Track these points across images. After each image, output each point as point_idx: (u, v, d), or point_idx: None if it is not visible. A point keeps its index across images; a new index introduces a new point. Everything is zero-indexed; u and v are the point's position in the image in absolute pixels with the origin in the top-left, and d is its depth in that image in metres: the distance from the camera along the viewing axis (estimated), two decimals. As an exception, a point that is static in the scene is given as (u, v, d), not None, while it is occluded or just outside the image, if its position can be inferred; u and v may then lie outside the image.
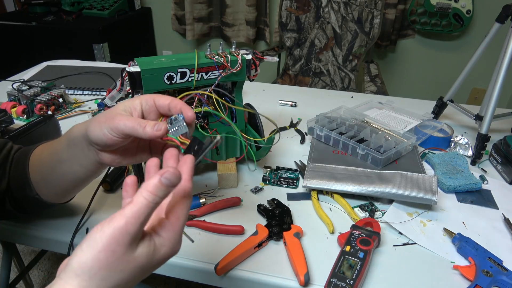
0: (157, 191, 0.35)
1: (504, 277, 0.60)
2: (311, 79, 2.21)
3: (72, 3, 2.62)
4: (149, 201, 0.35)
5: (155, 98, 0.49)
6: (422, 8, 2.34)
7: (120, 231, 0.34)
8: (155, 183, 0.35)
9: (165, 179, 0.35)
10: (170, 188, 0.36)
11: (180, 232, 0.40)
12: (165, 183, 0.35)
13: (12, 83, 1.17)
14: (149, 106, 0.49)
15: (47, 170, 0.58)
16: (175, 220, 0.39)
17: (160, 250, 0.38)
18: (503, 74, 0.91)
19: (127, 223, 0.34)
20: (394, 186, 0.76)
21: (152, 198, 0.35)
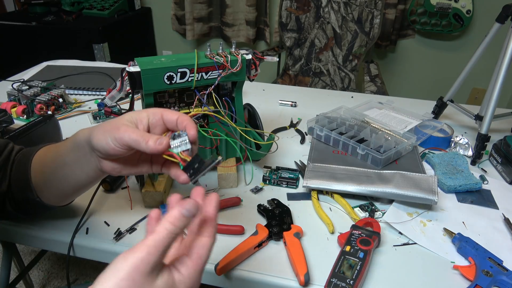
0: (177, 221, 0.37)
1: (504, 277, 0.60)
2: (311, 79, 2.21)
3: (72, 3, 2.62)
4: (169, 231, 0.36)
5: (163, 112, 0.50)
6: (422, 8, 2.34)
7: (141, 260, 0.35)
8: (176, 214, 0.37)
9: (186, 211, 0.37)
10: (189, 219, 0.38)
11: (200, 271, 0.40)
12: (185, 214, 0.37)
13: (12, 83, 1.17)
14: (156, 120, 0.50)
15: (50, 172, 0.58)
16: (197, 258, 0.40)
17: (178, 286, 0.38)
18: (503, 74, 0.91)
19: (149, 252, 0.35)
20: (394, 186, 0.76)
21: (172, 228, 0.36)
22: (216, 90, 0.79)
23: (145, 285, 0.35)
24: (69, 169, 0.56)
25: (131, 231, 0.70)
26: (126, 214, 0.74)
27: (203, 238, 0.41)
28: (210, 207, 0.42)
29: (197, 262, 0.40)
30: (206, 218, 0.42)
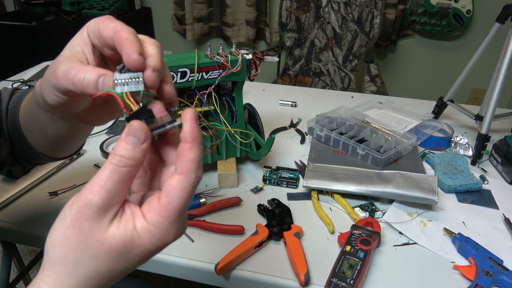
0: (122, 152, 0.29)
1: (504, 277, 0.60)
2: (311, 79, 2.21)
3: (72, 3, 2.62)
4: (115, 164, 0.29)
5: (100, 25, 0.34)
6: (422, 8, 2.34)
7: (84, 203, 0.29)
8: (120, 143, 0.30)
9: (130, 137, 0.30)
10: (138, 148, 0.30)
11: (174, 218, 0.31)
12: (130, 141, 0.30)
13: (12, 83, 1.17)
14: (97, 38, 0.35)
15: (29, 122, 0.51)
16: (166, 203, 0.30)
17: (141, 236, 0.30)
18: (503, 74, 0.91)
19: (91, 193, 0.29)
20: (394, 186, 0.76)
21: (117, 160, 0.29)
22: (216, 90, 0.79)
23: (95, 232, 0.29)
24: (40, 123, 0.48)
25: (131, 231, 0.70)
26: (126, 214, 0.74)
27: (176, 176, 0.31)
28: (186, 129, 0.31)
29: (166, 207, 0.30)
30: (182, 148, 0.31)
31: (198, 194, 0.78)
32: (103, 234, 0.30)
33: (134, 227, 0.31)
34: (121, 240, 0.30)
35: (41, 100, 0.42)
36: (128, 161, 0.30)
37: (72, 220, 0.29)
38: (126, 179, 0.30)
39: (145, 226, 0.31)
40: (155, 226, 0.31)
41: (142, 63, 0.32)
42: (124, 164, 0.29)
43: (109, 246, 0.30)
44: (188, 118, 0.31)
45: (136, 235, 0.30)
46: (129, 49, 0.31)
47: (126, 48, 0.31)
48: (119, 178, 0.29)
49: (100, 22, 0.35)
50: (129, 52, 0.31)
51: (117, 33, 0.33)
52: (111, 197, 0.30)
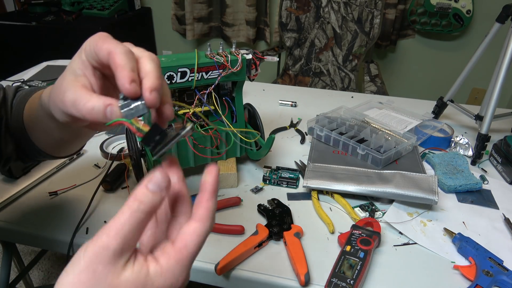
0: (142, 197, 0.30)
1: (504, 277, 0.60)
2: (311, 79, 2.21)
3: (72, 3, 2.62)
4: (133, 210, 0.30)
5: (95, 48, 0.36)
6: (422, 8, 2.34)
7: (101, 247, 0.29)
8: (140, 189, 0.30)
9: (152, 184, 0.30)
10: (158, 195, 0.31)
11: (186, 264, 0.32)
12: (151, 188, 0.30)
13: (12, 83, 1.17)
14: (95, 61, 0.37)
15: (34, 121, 0.53)
16: (181, 247, 0.32)
17: (154, 280, 0.31)
18: (503, 74, 0.91)
19: (108, 238, 0.29)
20: (394, 186, 0.76)
21: (136, 205, 0.30)
22: (216, 90, 0.79)
23: (109, 277, 0.29)
24: (44, 125, 0.50)
25: (131, 231, 0.70)
26: (126, 214, 0.74)
27: (193, 223, 0.32)
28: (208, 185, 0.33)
29: (181, 252, 0.32)
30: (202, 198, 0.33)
31: (198, 194, 0.78)
32: (117, 278, 0.30)
33: (148, 272, 0.31)
34: (134, 284, 0.30)
35: (48, 111, 0.43)
36: (147, 209, 0.30)
37: (87, 263, 0.29)
38: (142, 225, 0.31)
39: (159, 270, 0.31)
40: (168, 270, 0.31)
41: (136, 91, 0.33)
42: (142, 210, 0.30)
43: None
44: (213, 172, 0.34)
45: (149, 280, 0.31)
46: (122, 78, 0.33)
47: (119, 77, 0.33)
48: (136, 223, 0.30)
49: (94, 44, 0.36)
50: (122, 83, 0.33)
51: (111, 58, 0.34)
52: (127, 242, 0.30)
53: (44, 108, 0.46)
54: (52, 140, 0.54)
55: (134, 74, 0.33)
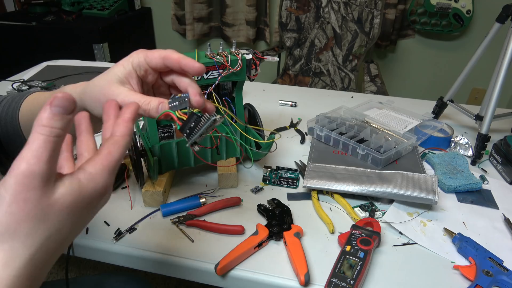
0: (51, 123, 0.30)
1: (504, 277, 0.60)
2: (311, 79, 2.21)
3: (72, 3, 2.62)
4: (46, 135, 0.30)
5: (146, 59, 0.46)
6: (422, 8, 2.34)
7: (24, 175, 0.29)
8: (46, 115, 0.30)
9: (56, 108, 0.30)
10: (65, 116, 0.31)
11: (111, 168, 0.35)
12: (57, 111, 0.30)
13: (12, 83, 1.17)
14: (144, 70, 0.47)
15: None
16: (106, 154, 0.35)
17: (87, 186, 0.33)
18: (503, 74, 0.91)
19: (29, 165, 0.29)
20: (394, 186, 0.76)
21: (48, 131, 0.30)
22: (217, 90, 0.79)
23: (43, 199, 0.30)
24: None
25: (131, 231, 0.70)
26: (126, 214, 0.74)
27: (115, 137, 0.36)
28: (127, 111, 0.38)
29: (106, 158, 0.35)
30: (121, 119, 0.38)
31: (198, 194, 0.78)
32: (52, 197, 0.31)
33: (79, 180, 0.33)
34: (70, 195, 0.32)
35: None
36: (58, 131, 0.30)
37: (13, 194, 0.29)
38: (58, 147, 0.31)
39: (88, 176, 0.34)
40: (97, 174, 0.34)
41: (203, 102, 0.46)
42: (55, 133, 0.30)
43: (61, 205, 0.31)
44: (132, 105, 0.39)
45: (83, 187, 0.33)
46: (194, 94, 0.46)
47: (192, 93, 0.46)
48: (53, 146, 0.30)
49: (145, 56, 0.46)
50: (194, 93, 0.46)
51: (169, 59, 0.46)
52: (50, 164, 0.30)
53: None
54: None
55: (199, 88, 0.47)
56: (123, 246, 0.67)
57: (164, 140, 0.77)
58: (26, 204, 0.29)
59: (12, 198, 0.29)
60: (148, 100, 0.44)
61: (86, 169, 0.34)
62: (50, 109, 0.30)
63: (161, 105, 0.44)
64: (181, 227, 0.71)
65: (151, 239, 0.68)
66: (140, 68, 0.46)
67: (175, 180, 0.84)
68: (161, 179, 0.77)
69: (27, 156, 0.29)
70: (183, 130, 0.45)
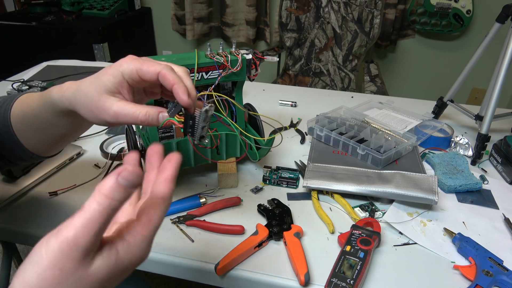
0: (113, 194, 0.29)
1: (504, 277, 0.60)
2: (311, 79, 2.21)
3: (72, 3, 2.62)
4: (104, 207, 0.29)
5: (139, 72, 0.45)
6: (422, 8, 2.34)
7: (68, 245, 0.28)
8: (111, 185, 0.29)
9: (123, 180, 0.29)
10: (129, 190, 0.30)
11: (151, 237, 0.34)
12: (123, 184, 0.29)
13: (12, 83, 1.17)
14: (136, 82, 0.46)
15: (29, 122, 0.55)
16: (146, 222, 0.33)
17: (124, 259, 0.32)
18: (503, 74, 0.91)
19: (77, 235, 0.28)
20: (394, 186, 0.76)
21: (107, 203, 0.29)
22: (217, 90, 0.79)
23: (78, 272, 0.29)
24: (47, 123, 0.53)
25: (131, 231, 0.70)
26: (126, 214, 0.74)
27: (155, 200, 0.34)
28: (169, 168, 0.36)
29: (147, 226, 0.33)
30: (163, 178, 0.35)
31: (198, 194, 0.78)
32: (88, 270, 0.30)
33: (117, 252, 0.32)
34: (107, 268, 0.31)
35: (62, 109, 0.49)
36: (116, 204, 0.29)
37: (52, 261, 0.28)
38: (110, 219, 0.30)
39: (127, 248, 0.32)
40: (135, 246, 0.32)
41: (191, 103, 0.45)
42: (112, 207, 0.29)
43: (94, 279, 0.30)
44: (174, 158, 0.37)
45: (119, 260, 0.32)
46: (181, 93, 0.45)
47: (179, 92, 0.45)
48: (106, 219, 0.29)
49: (138, 68, 0.45)
50: (180, 96, 0.45)
51: (166, 80, 0.45)
52: (97, 237, 0.29)
53: (53, 107, 0.50)
54: (49, 137, 0.56)
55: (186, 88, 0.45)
56: (123, 246, 0.67)
57: (164, 140, 0.77)
58: (61, 273, 0.28)
59: (50, 264, 0.28)
60: (145, 110, 0.44)
61: (126, 238, 0.32)
62: (117, 180, 0.29)
63: (161, 114, 0.45)
64: (181, 227, 0.71)
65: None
66: (132, 79, 0.46)
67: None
68: (161, 179, 0.77)
69: (77, 225, 0.28)
70: (186, 131, 0.46)
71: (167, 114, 0.46)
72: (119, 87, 0.46)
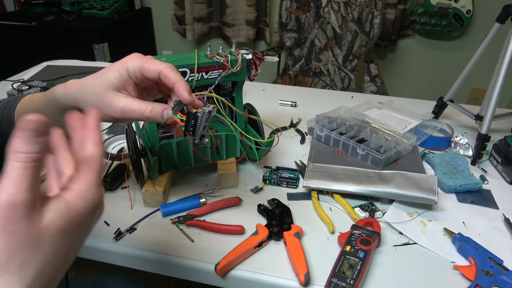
0: (26, 148, 0.29)
1: (504, 277, 0.60)
2: (311, 79, 2.21)
3: (72, 3, 2.62)
4: (23, 162, 0.28)
5: (142, 69, 0.47)
6: (422, 8, 2.34)
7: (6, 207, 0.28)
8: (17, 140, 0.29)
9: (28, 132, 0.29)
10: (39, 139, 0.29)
11: (96, 181, 0.34)
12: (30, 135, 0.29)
13: (12, 83, 1.17)
14: (139, 79, 0.48)
15: None
16: (87, 168, 0.34)
17: (76, 204, 0.32)
18: (503, 74, 0.91)
19: (10, 195, 0.28)
20: (394, 186, 0.76)
21: (24, 157, 0.29)
22: (216, 90, 0.79)
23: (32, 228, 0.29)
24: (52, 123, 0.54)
25: (131, 231, 0.70)
26: (126, 214, 0.74)
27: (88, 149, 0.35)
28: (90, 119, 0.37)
29: (88, 172, 0.34)
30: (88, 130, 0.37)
31: (198, 194, 0.78)
32: (41, 224, 0.30)
33: (66, 200, 0.32)
34: (60, 218, 0.31)
35: (68, 106, 0.49)
36: (34, 155, 0.29)
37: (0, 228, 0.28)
38: (37, 171, 0.30)
39: (75, 194, 0.32)
40: (83, 191, 0.33)
41: (193, 100, 0.47)
42: (33, 158, 0.29)
43: (52, 230, 0.30)
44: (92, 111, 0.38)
45: (72, 207, 0.32)
46: (183, 91, 0.46)
47: (180, 90, 0.46)
48: (33, 171, 0.29)
49: (140, 67, 0.47)
50: (182, 94, 0.46)
51: (167, 79, 0.46)
52: (33, 190, 0.29)
53: (57, 104, 0.51)
54: None
55: (188, 86, 0.47)
56: (123, 246, 0.67)
57: (164, 140, 0.77)
58: (15, 236, 0.28)
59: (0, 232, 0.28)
60: (151, 107, 0.46)
61: (72, 187, 0.33)
62: (23, 134, 0.28)
63: (166, 111, 0.47)
64: (181, 227, 0.71)
65: (151, 239, 0.68)
66: (135, 76, 0.47)
67: (175, 180, 0.84)
68: (161, 179, 0.77)
69: (6, 187, 0.28)
70: (187, 129, 0.48)
71: (171, 111, 0.47)
72: (125, 83, 0.47)
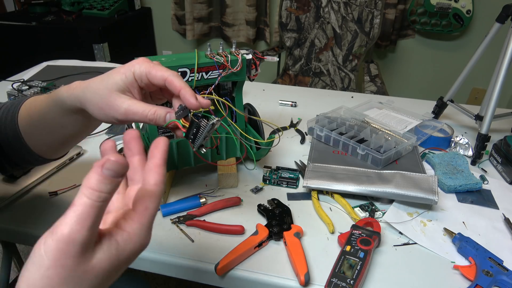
0: (100, 186, 0.29)
1: (504, 277, 0.60)
2: (311, 79, 2.21)
3: (72, 3, 2.62)
4: (94, 200, 0.29)
5: (148, 75, 0.47)
6: (422, 8, 2.34)
7: (65, 242, 0.28)
8: (97, 177, 0.29)
9: (108, 170, 0.29)
10: (115, 180, 0.29)
11: (149, 224, 0.34)
12: (109, 174, 0.29)
13: (12, 83, 1.17)
14: (145, 84, 0.48)
15: (36, 124, 0.56)
16: (143, 210, 0.34)
17: (125, 248, 0.33)
18: (503, 74, 0.91)
19: (72, 231, 0.28)
20: (394, 186, 0.76)
21: (96, 196, 0.29)
22: (217, 90, 0.79)
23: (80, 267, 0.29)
24: (54, 123, 0.54)
25: (131, 231, 0.70)
26: (126, 214, 0.74)
27: (149, 187, 0.35)
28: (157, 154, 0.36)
29: (143, 214, 0.34)
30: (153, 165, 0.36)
31: (198, 194, 0.78)
32: (90, 263, 0.30)
33: (117, 243, 0.32)
34: (108, 260, 0.32)
35: (72, 107, 0.50)
36: (105, 195, 0.29)
37: (52, 260, 0.28)
38: (103, 211, 0.30)
39: (126, 237, 0.33)
40: (135, 234, 0.33)
41: (199, 105, 0.46)
42: (103, 198, 0.29)
43: (97, 271, 0.31)
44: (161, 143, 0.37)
45: (120, 249, 0.32)
46: (189, 98, 0.46)
47: (187, 98, 0.46)
48: (98, 211, 0.29)
49: (147, 72, 0.46)
50: (189, 100, 0.46)
51: (172, 85, 0.46)
52: (93, 230, 0.30)
53: (61, 105, 0.51)
54: (56, 138, 0.57)
55: (193, 92, 0.46)
56: (123, 246, 0.67)
57: (164, 140, 0.77)
58: (64, 270, 0.29)
59: (51, 263, 0.28)
60: (154, 109, 0.46)
61: (124, 228, 0.33)
62: (102, 172, 0.29)
63: (169, 114, 0.47)
64: (181, 227, 0.71)
65: (151, 239, 0.68)
66: (141, 80, 0.48)
67: (175, 180, 0.84)
68: (161, 179, 0.77)
69: (71, 221, 0.29)
70: (188, 136, 0.48)
71: (174, 115, 0.47)
72: (130, 86, 0.47)
